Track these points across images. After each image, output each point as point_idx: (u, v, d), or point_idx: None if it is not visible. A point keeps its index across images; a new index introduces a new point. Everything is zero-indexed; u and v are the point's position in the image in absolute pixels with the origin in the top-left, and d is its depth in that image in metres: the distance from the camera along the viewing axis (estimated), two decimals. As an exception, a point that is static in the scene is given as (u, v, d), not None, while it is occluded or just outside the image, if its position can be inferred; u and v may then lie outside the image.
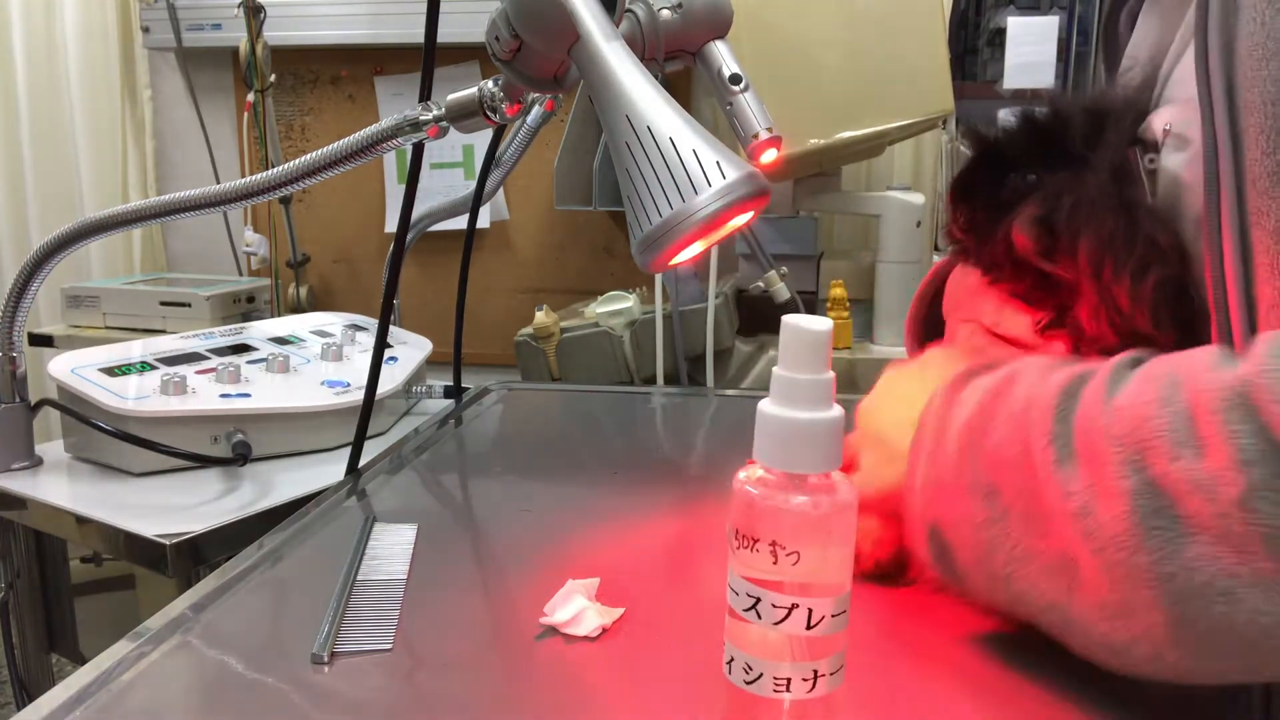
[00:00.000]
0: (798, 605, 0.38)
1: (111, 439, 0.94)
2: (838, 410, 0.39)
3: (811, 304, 1.56)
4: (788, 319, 0.39)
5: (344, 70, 2.05)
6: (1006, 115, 0.60)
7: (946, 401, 0.51)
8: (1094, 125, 0.56)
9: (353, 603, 0.58)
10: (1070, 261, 0.54)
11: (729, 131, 0.70)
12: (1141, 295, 0.52)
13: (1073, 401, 0.43)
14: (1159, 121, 0.55)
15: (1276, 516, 0.36)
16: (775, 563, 0.38)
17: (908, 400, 0.56)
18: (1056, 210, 0.54)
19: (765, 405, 0.39)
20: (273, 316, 1.79)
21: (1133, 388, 0.42)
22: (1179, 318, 0.52)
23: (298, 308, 1.93)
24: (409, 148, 0.74)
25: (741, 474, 0.40)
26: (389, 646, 0.53)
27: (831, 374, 0.39)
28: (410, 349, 1.24)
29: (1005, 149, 0.59)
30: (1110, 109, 0.56)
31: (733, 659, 0.40)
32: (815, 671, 0.39)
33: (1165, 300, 0.52)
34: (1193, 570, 0.38)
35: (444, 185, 2.01)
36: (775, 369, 0.39)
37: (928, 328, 0.72)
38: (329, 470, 0.94)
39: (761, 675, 0.39)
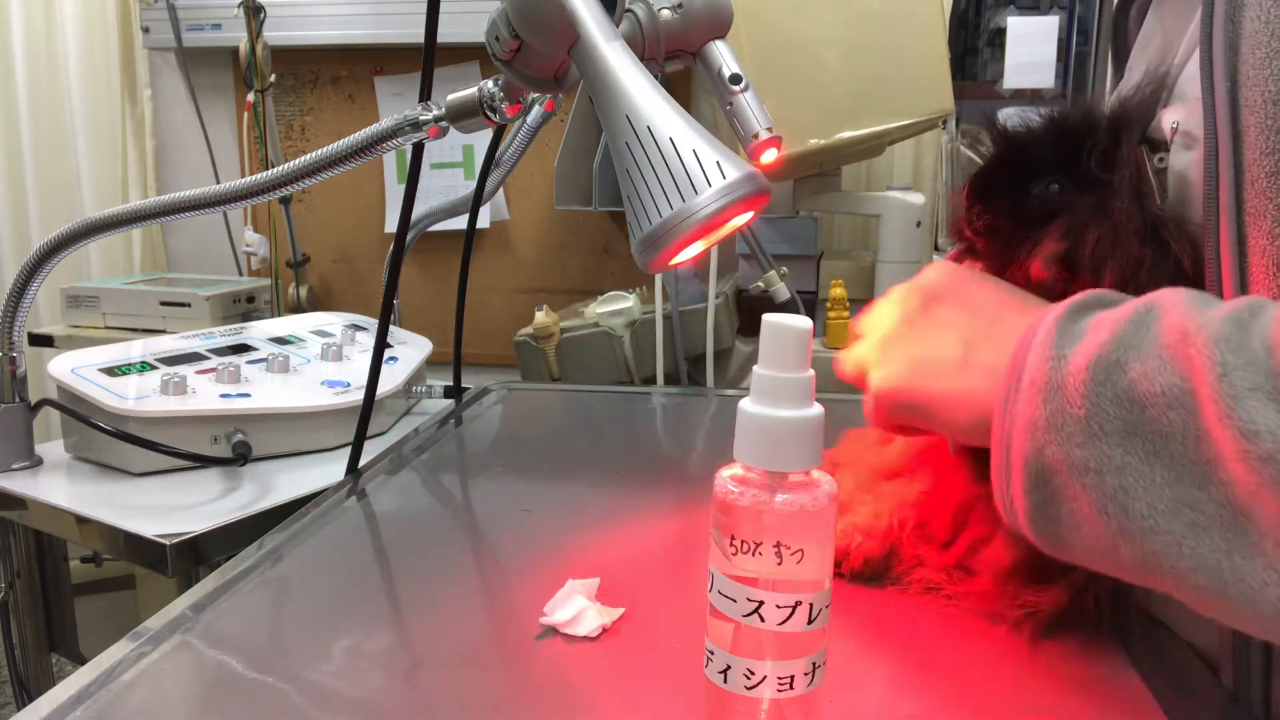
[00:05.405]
0: (800, 602, 0.38)
1: (111, 439, 0.94)
2: (818, 408, 0.39)
3: (811, 304, 1.56)
4: (768, 318, 0.39)
5: (344, 70, 2.05)
6: (1015, 114, 0.58)
7: (1046, 336, 0.44)
8: (1115, 137, 0.55)
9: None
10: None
11: (729, 131, 0.70)
12: None
13: (1245, 334, 0.38)
14: (1168, 120, 0.55)
15: None
16: (780, 563, 0.38)
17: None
18: (1080, 246, 0.52)
19: (746, 404, 0.39)
20: (273, 316, 1.79)
21: None
22: None
23: (298, 308, 1.93)
24: (409, 148, 0.74)
25: (725, 473, 0.40)
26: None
27: (811, 372, 0.39)
28: (410, 349, 1.24)
29: (1030, 151, 0.57)
30: (1129, 119, 0.55)
31: (729, 666, 0.40)
32: (814, 664, 0.40)
33: None
34: None
35: (444, 185, 2.01)
36: (755, 368, 0.39)
37: None
38: (329, 470, 0.94)
39: (765, 678, 0.39)
